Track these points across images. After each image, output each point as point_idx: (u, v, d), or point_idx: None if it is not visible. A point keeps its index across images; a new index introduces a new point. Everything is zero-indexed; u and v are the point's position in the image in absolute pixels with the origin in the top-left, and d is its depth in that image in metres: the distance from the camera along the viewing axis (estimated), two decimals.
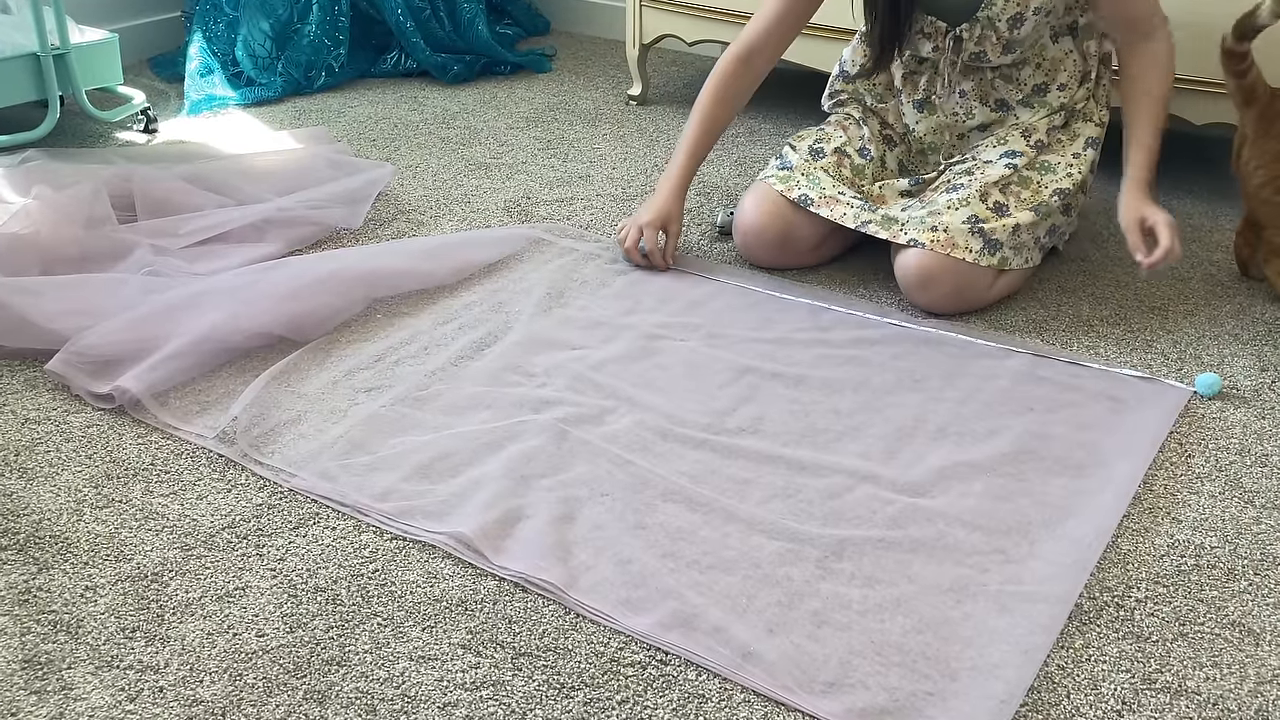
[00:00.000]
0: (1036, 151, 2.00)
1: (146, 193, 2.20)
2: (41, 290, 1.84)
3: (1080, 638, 1.28)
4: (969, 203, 1.92)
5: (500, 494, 1.47)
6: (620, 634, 1.28)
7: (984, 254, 1.89)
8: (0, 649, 1.25)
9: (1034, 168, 1.98)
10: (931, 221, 1.90)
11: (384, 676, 1.22)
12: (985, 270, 1.90)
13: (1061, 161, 2.00)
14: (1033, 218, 1.93)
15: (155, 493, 1.50)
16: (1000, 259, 1.90)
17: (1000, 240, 1.90)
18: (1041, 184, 1.97)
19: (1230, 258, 2.12)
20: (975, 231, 1.89)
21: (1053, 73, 2.02)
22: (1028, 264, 1.96)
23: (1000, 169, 1.96)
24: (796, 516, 1.45)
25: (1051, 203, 1.95)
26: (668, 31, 2.82)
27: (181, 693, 1.20)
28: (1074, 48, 2.01)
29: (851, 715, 1.17)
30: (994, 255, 1.89)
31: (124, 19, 3.10)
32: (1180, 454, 1.60)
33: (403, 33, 3.10)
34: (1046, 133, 2.01)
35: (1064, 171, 1.99)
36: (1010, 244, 1.91)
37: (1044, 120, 2.02)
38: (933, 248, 1.88)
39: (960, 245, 1.88)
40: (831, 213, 1.98)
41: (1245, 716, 1.19)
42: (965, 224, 1.89)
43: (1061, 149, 2.02)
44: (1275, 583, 1.37)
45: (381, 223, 2.26)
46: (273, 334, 1.80)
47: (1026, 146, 1.99)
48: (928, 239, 1.89)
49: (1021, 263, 1.94)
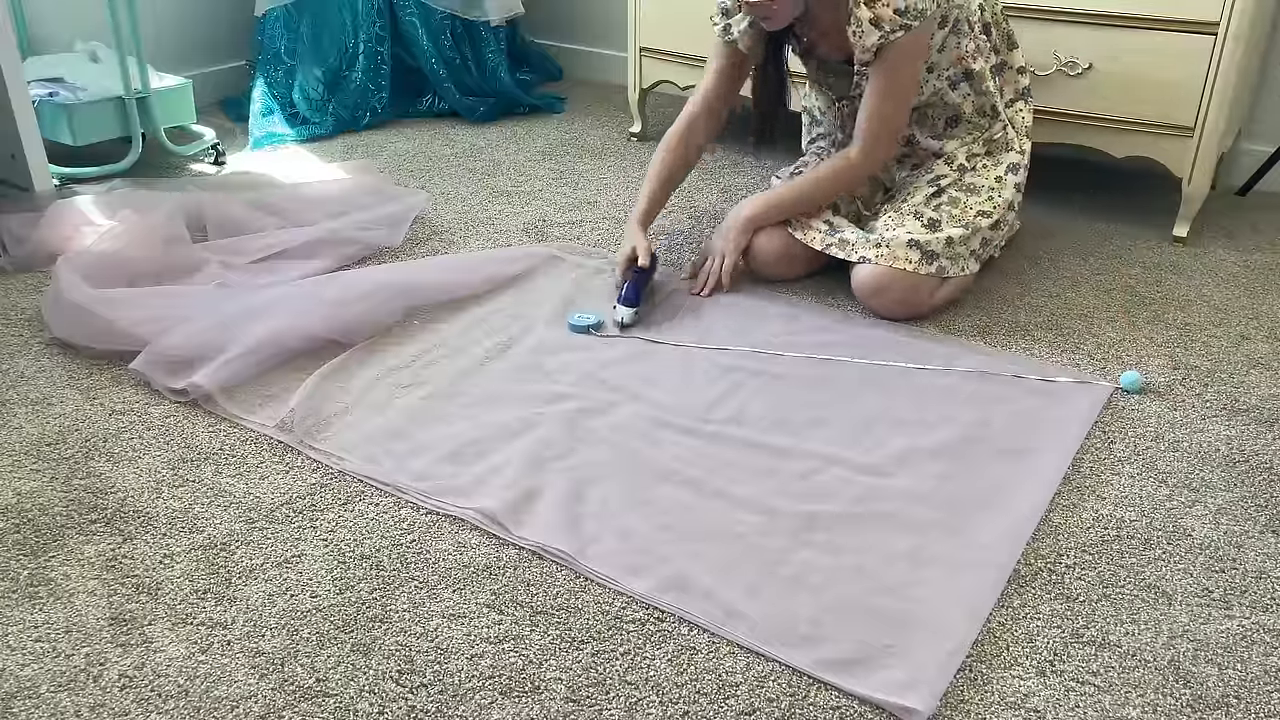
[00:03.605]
0: (959, 174, 2.00)
1: (216, 216, 2.20)
2: (126, 300, 1.84)
3: (1018, 598, 1.28)
4: (904, 223, 1.93)
5: (520, 475, 1.47)
6: (623, 595, 1.28)
7: (923, 263, 1.90)
8: (90, 608, 1.25)
9: (961, 189, 1.99)
10: (875, 239, 1.92)
11: (420, 631, 1.22)
12: (926, 278, 1.91)
13: (984, 184, 2.00)
14: (963, 232, 1.93)
15: (223, 473, 1.50)
16: (938, 268, 1.91)
17: (936, 251, 1.90)
18: (968, 204, 1.97)
19: (1148, 272, 2.12)
20: (913, 244, 1.90)
21: (958, 111, 2.02)
22: (964, 272, 1.95)
23: (927, 190, 1.98)
24: (774, 494, 1.44)
25: (978, 221, 1.95)
26: (663, 78, 2.82)
27: (246, 645, 1.20)
28: (971, 90, 2.00)
29: (822, 665, 1.17)
30: (932, 264, 1.90)
31: (197, 67, 3.10)
32: (1104, 441, 1.60)
33: (436, 79, 3.09)
34: (967, 158, 2.01)
35: (986, 194, 1.98)
36: (946, 254, 1.91)
37: (963, 149, 2.02)
38: (879, 262, 1.90)
39: (901, 258, 1.89)
40: (804, 236, 1.99)
41: (1160, 666, 1.19)
42: (906, 241, 1.90)
43: (985, 173, 2.01)
44: (1185, 551, 1.36)
45: (418, 242, 2.26)
46: (324, 338, 1.80)
47: (950, 170, 2.00)
48: (874, 255, 1.91)
49: (958, 271, 1.94)
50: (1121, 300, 2.03)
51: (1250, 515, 1.43)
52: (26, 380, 1.72)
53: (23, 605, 1.25)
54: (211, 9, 3.15)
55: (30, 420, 1.61)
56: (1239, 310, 2.00)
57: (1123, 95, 2.20)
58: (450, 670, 1.17)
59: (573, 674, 1.16)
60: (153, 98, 2.52)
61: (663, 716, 1.11)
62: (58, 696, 1.13)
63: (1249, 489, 1.49)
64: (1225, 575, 1.32)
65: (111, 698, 1.13)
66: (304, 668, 1.17)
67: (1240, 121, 2.48)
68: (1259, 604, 1.28)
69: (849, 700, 1.13)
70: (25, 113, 2.28)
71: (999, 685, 1.16)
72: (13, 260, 2.10)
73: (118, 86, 2.46)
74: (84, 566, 1.32)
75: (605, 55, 3.51)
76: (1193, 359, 1.82)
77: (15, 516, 1.40)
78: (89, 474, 1.49)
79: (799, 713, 1.12)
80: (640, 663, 1.18)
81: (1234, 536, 1.39)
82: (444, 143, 2.91)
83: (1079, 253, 2.23)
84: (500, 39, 3.19)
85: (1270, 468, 1.53)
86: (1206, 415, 1.66)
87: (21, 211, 2.21)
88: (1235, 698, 1.14)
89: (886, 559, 1.33)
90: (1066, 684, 1.16)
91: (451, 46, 3.11)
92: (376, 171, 2.61)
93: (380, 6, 2.99)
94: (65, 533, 1.37)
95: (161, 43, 2.98)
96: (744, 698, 1.14)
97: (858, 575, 1.30)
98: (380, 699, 1.13)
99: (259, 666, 1.17)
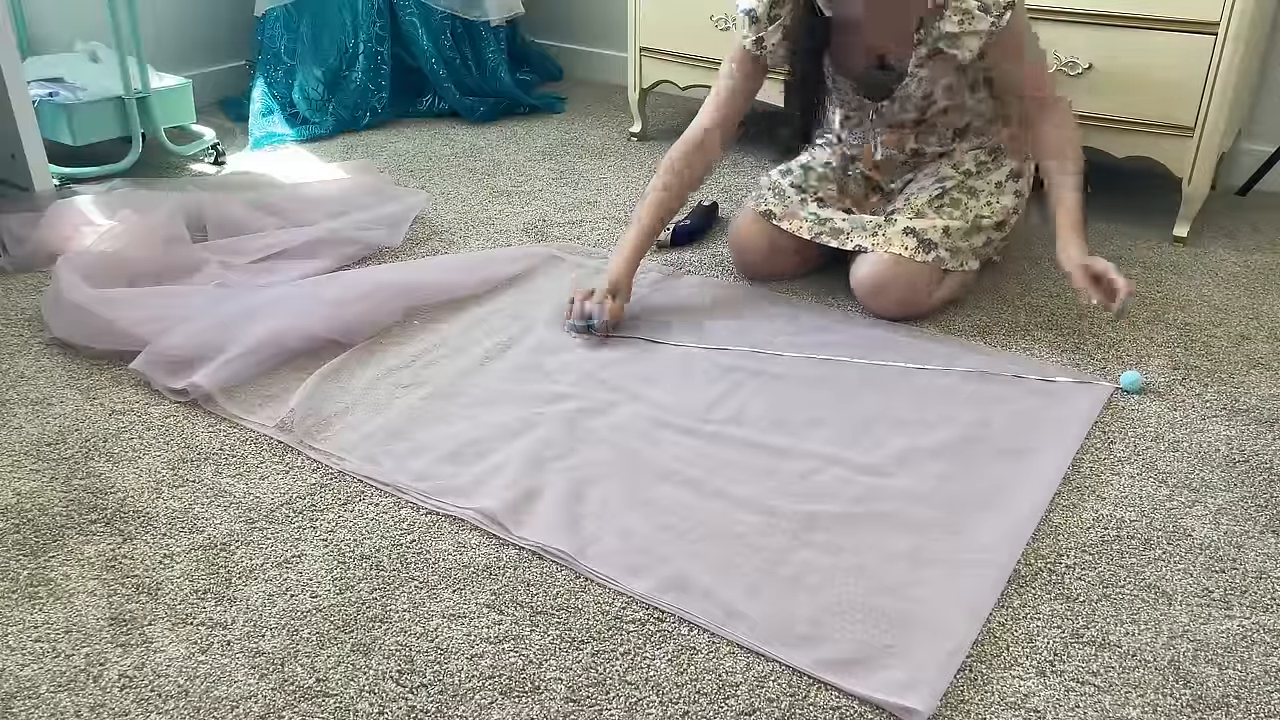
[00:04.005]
0: (964, 178, 1.99)
1: (216, 216, 2.20)
2: (126, 300, 1.84)
3: (1018, 598, 1.28)
4: (904, 215, 1.93)
5: (520, 475, 1.47)
6: (623, 595, 1.28)
7: (919, 251, 1.89)
8: (90, 608, 1.25)
9: (962, 190, 1.97)
10: (872, 228, 1.92)
11: (420, 631, 1.22)
12: (925, 269, 1.89)
13: (986, 188, 1.98)
14: (961, 224, 1.92)
15: (223, 474, 1.50)
16: (935, 258, 1.89)
17: (934, 240, 1.90)
18: (968, 206, 1.96)
19: (1148, 272, 2.12)
20: (909, 232, 1.90)
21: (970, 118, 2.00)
22: (964, 267, 1.94)
23: (931, 191, 1.97)
24: (774, 494, 1.44)
25: (979, 221, 1.95)
26: (664, 78, 2.82)
27: (246, 645, 1.20)
28: (988, 95, 1.99)
29: (822, 665, 1.17)
30: (929, 254, 1.89)
31: (197, 67, 3.10)
32: (1104, 441, 1.60)
33: (436, 79, 3.09)
34: (974, 164, 2.00)
35: (986, 198, 1.97)
36: (944, 245, 1.90)
37: (970, 155, 2.00)
38: (875, 249, 1.90)
39: (898, 244, 1.89)
40: (790, 225, 1.99)
41: (1160, 666, 1.19)
42: (903, 229, 1.90)
43: (987, 175, 2.00)
44: (1185, 551, 1.36)
45: (418, 242, 2.26)
46: (324, 338, 1.80)
47: (955, 173, 1.99)
48: (870, 243, 1.91)
49: (957, 265, 1.92)
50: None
51: (1250, 515, 1.43)
52: (26, 380, 1.72)
53: (22, 605, 1.26)
54: (211, 9, 3.15)
55: (30, 420, 1.62)
56: (1239, 310, 2.00)
57: (1123, 95, 2.20)
58: (450, 670, 1.17)
59: (573, 674, 1.16)
60: (152, 98, 2.52)
61: (663, 716, 1.11)
62: (58, 697, 1.13)
63: (1249, 489, 1.49)
64: (1225, 575, 1.32)
65: (111, 698, 1.13)
66: (304, 668, 1.17)
67: (1240, 121, 2.48)
68: (1259, 604, 1.28)
69: (849, 700, 1.13)
70: (25, 113, 2.28)
71: (999, 685, 1.16)
72: (13, 260, 2.10)
73: (117, 86, 2.46)
74: (84, 567, 1.32)
75: (605, 55, 3.51)
76: (1193, 359, 1.82)
77: (15, 516, 1.40)
78: (89, 474, 1.49)
79: (799, 713, 1.12)
80: (640, 663, 1.18)
81: (1234, 536, 1.39)
82: (444, 143, 2.91)
83: None
84: (500, 39, 3.19)
85: (1270, 468, 1.53)
86: (1206, 415, 1.66)
87: (21, 211, 2.21)
88: (1235, 698, 1.14)
89: (886, 559, 1.33)
90: (1066, 684, 1.16)
91: (451, 46, 3.11)
92: (376, 171, 2.61)
93: (380, 6, 2.99)
94: (65, 533, 1.37)
95: (161, 42, 2.98)
96: (744, 698, 1.14)
97: (858, 575, 1.30)
98: (380, 699, 1.13)
99: (259, 667, 1.17)
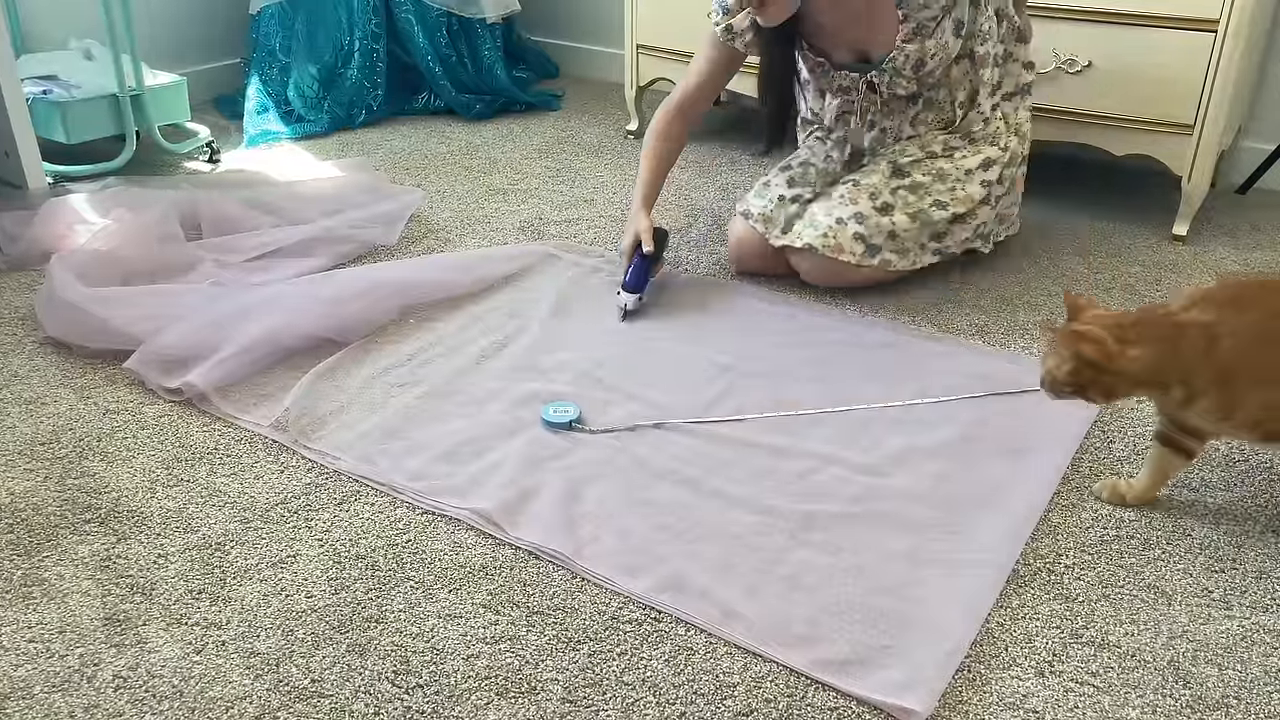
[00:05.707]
0: (929, 159, 1.96)
1: (211, 214, 2.20)
2: (120, 299, 1.84)
3: (1017, 598, 1.28)
4: (858, 202, 1.93)
5: (516, 475, 1.47)
6: (620, 595, 1.28)
7: (866, 256, 1.91)
8: (84, 608, 1.25)
9: (926, 173, 1.95)
10: (823, 229, 1.92)
11: (416, 632, 1.22)
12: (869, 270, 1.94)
13: (952, 173, 1.96)
14: (908, 223, 1.92)
15: (218, 473, 1.50)
16: (881, 260, 1.91)
17: (879, 245, 1.91)
18: (928, 191, 1.94)
19: (1148, 270, 2.12)
20: (857, 238, 1.91)
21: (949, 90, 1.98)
22: (915, 265, 1.94)
23: (885, 171, 1.96)
24: (771, 494, 1.44)
25: (931, 212, 1.93)
26: (660, 75, 2.82)
27: (241, 645, 1.20)
28: (970, 70, 1.96)
29: (819, 665, 1.17)
30: (874, 258, 1.91)
31: (192, 64, 3.09)
32: (1103, 440, 1.60)
33: (432, 76, 3.09)
34: (943, 148, 1.98)
35: (950, 184, 1.95)
36: (890, 247, 1.91)
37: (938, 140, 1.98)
38: (825, 253, 1.92)
39: (846, 251, 1.91)
40: (758, 226, 2.00)
41: (1160, 666, 1.19)
42: (852, 235, 1.90)
43: (960, 162, 1.97)
44: (1184, 551, 1.37)
45: (413, 240, 2.25)
46: (319, 336, 1.80)
47: (919, 152, 1.97)
48: (820, 244, 1.92)
49: (907, 265, 1.92)
50: (1121, 299, 2.03)
51: (1250, 515, 1.43)
52: (20, 379, 1.72)
53: (16, 605, 1.25)
54: (206, 6, 3.15)
55: (24, 420, 1.61)
56: None
57: (1122, 93, 2.20)
58: (446, 671, 1.17)
59: (569, 674, 1.16)
60: (147, 95, 2.51)
61: (660, 717, 1.11)
62: (52, 697, 1.13)
63: (1249, 489, 1.49)
64: (1225, 575, 1.32)
65: (106, 698, 1.13)
66: (299, 668, 1.17)
67: (1240, 119, 2.48)
68: (1259, 604, 1.28)
69: (847, 701, 1.13)
70: (19, 110, 2.28)
71: (998, 686, 1.16)
72: (6, 259, 2.10)
73: (112, 84, 2.46)
74: (78, 566, 1.31)
75: (602, 53, 3.51)
76: None
77: (9, 516, 1.40)
78: (83, 473, 1.49)
79: (796, 713, 1.12)
80: (637, 663, 1.18)
81: (1234, 536, 1.39)
82: (440, 140, 2.91)
83: (1078, 251, 2.23)
84: (496, 36, 3.19)
85: (1270, 468, 1.53)
86: None
87: (15, 209, 2.21)
88: (1235, 698, 1.15)
89: (885, 559, 1.33)
90: (1066, 684, 1.16)
91: (447, 44, 3.11)
92: (372, 169, 2.61)
93: (376, 3, 2.98)
94: (59, 533, 1.37)
95: (156, 40, 2.98)
96: (741, 698, 1.14)
97: (856, 575, 1.30)
98: (376, 699, 1.13)
99: (254, 667, 1.17)
